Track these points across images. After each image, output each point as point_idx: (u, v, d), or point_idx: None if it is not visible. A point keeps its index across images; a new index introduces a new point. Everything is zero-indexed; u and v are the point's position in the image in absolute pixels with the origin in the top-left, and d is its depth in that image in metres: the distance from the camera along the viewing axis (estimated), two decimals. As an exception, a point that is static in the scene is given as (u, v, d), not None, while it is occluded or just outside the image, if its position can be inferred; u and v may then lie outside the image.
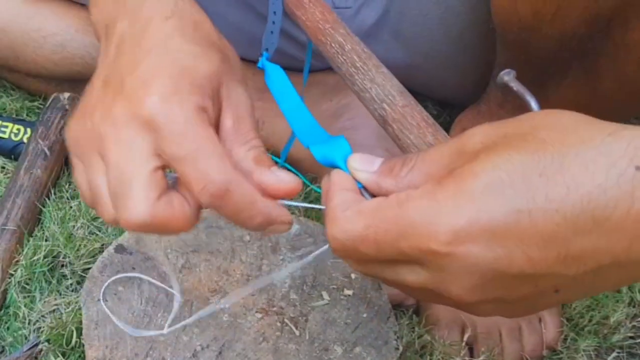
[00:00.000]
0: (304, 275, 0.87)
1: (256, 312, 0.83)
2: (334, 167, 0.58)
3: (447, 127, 0.97)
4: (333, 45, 0.75)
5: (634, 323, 0.96)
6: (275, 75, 0.68)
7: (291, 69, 1.04)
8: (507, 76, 0.63)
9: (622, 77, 0.81)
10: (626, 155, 0.42)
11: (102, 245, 0.93)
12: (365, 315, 0.85)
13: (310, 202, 1.00)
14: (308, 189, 1.02)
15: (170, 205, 0.54)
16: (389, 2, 1.02)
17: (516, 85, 0.62)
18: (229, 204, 0.55)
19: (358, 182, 0.55)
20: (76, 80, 1.10)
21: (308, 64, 0.88)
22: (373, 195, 0.53)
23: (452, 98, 1.16)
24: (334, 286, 0.87)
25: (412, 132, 0.65)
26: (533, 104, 0.61)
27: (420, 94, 0.76)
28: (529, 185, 0.43)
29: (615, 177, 0.42)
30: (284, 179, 0.57)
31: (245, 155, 0.58)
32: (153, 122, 0.54)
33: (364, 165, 0.55)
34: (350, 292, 0.87)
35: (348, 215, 0.50)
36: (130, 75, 0.56)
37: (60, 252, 0.94)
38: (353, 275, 0.88)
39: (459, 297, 0.47)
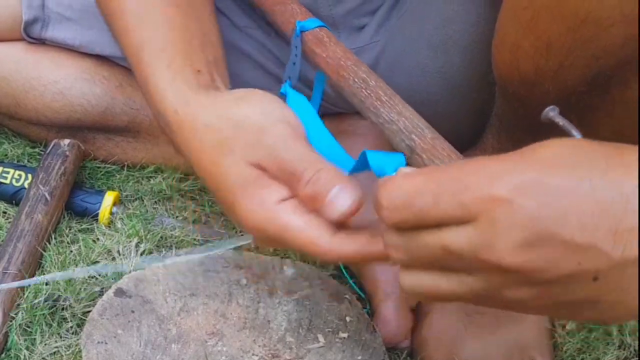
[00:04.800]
0: (300, 318, 0.89)
1: (253, 354, 0.84)
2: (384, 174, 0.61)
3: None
4: (356, 80, 0.77)
5: (624, 365, 0.97)
6: (298, 101, 0.72)
7: None
8: (552, 112, 0.65)
9: (619, 131, 0.82)
10: None
11: (102, 288, 0.94)
12: (360, 357, 0.86)
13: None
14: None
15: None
16: (379, 55, 1.04)
17: (561, 121, 0.64)
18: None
19: None
20: (76, 128, 1.11)
21: (319, 98, 0.90)
22: None
23: (445, 142, 1.17)
24: (329, 329, 0.88)
25: (442, 160, 0.67)
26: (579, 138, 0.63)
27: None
28: (592, 162, 0.48)
29: None
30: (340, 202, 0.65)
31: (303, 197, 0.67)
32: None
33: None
34: (345, 335, 0.88)
35: (405, 173, 0.53)
36: (218, 192, 0.71)
37: (60, 295, 0.95)
38: (348, 319, 0.90)
39: (501, 256, 0.49)
